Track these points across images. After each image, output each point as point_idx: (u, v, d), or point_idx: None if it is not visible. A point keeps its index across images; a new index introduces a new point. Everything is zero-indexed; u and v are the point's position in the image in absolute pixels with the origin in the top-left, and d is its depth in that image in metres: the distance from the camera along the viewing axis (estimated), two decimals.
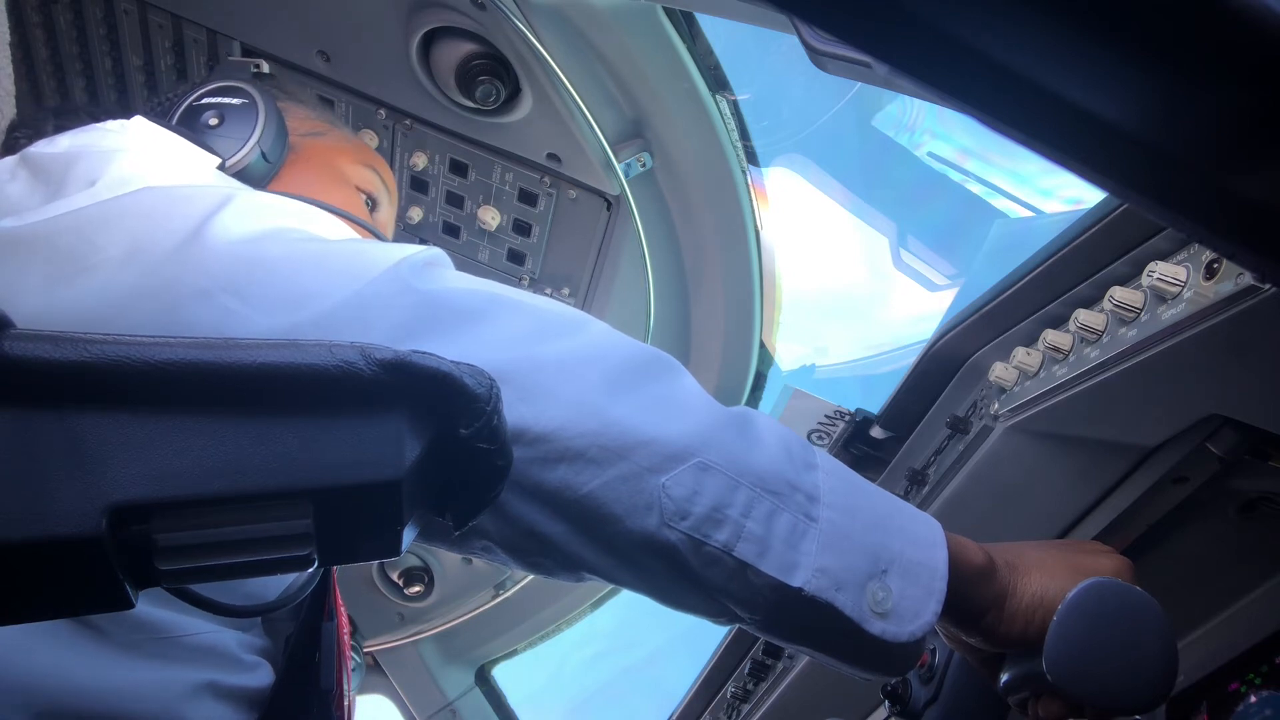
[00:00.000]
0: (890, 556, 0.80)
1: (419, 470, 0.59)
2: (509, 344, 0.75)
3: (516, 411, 0.72)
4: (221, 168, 1.24)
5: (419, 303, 0.74)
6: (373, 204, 1.44)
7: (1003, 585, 0.85)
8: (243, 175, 1.25)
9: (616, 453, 0.75)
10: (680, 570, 0.78)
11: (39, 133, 1.27)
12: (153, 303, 0.72)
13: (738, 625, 0.85)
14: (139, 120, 1.12)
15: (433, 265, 0.78)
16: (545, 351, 0.76)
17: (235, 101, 1.30)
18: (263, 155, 1.28)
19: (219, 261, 0.73)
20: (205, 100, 1.30)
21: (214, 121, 1.28)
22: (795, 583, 0.77)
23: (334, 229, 0.88)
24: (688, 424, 0.77)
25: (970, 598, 0.84)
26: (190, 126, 1.27)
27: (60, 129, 1.25)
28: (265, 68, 1.60)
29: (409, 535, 0.63)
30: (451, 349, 0.68)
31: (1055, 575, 0.85)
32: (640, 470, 0.75)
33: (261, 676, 0.97)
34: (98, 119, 1.28)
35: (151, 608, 0.87)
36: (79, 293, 0.74)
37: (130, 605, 0.54)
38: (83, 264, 0.75)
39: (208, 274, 0.73)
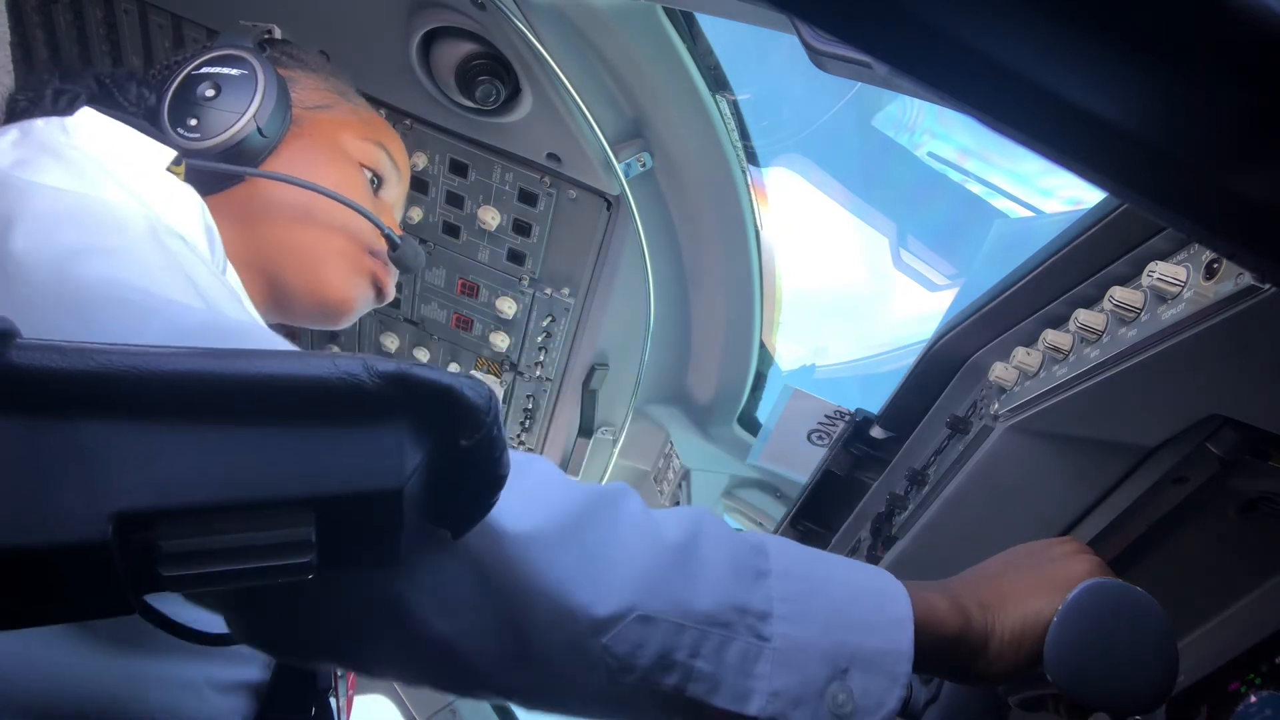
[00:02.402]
0: (850, 653, 0.78)
1: (419, 480, 0.60)
2: None
3: (451, 585, 0.71)
4: (214, 142, 1.21)
5: None
6: (378, 182, 1.42)
7: (981, 632, 0.83)
8: (238, 150, 1.23)
9: (554, 622, 0.73)
10: (633, 710, 0.78)
11: (39, 95, 1.25)
12: None
13: None
14: (84, 116, 1.08)
15: None
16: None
17: (234, 72, 1.26)
18: (259, 130, 1.25)
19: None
20: (204, 70, 1.26)
21: (210, 93, 1.24)
22: (750, 711, 0.76)
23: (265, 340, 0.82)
24: (626, 576, 0.75)
25: (954, 655, 0.83)
26: (185, 99, 1.24)
27: (60, 91, 1.24)
28: (277, 33, 1.53)
29: (408, 544, 0.63)
30: None
31: (1031, 600, 0.84)
32: (580, 636, 0.74)
33: (259, 670, 0.97)
34: (101, 81, 1.26)
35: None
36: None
37: (133, 611, 0.55)
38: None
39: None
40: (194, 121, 1.22)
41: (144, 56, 1.93)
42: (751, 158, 1.88)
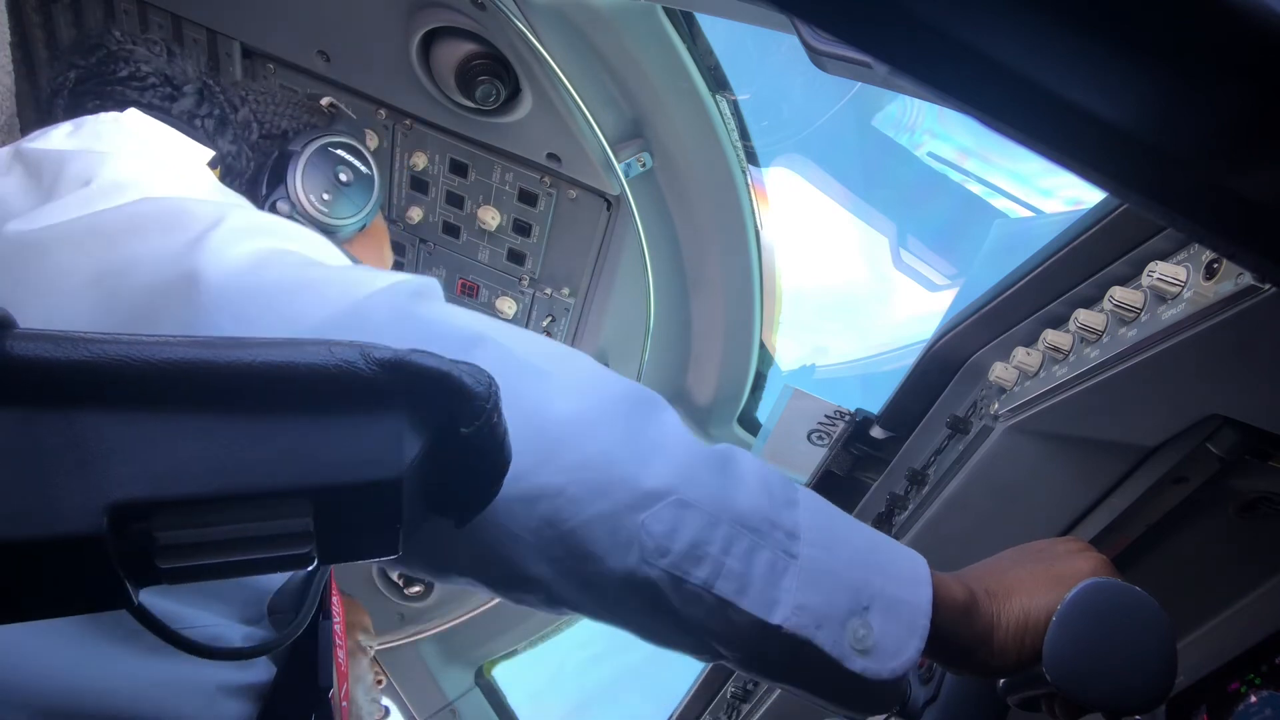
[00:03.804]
0: (872, 593, 0.79)
1: (419, 469, 0.59)
2: (496, 376, 0.75)
3: None
4: (335, 221, 1.40)
5: (410, 328, 0.75)
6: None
7: (987, 618, 0.84)
8: (334, 234, 1.42)
9: (597, 490, 0.74)
10: (661, 608, 0.78)
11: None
12: (149, 324, 0.74)
13: (719, 662, 0.84)
14: (133, 114, 1.14)
15: (423, 295, 0.80)
16: (529, 387, 0.75)
17: (363, 170, 1.46)
18: (362, 226, 1.46)
19: (216, 286, 0.75)
20: (342, 151, 1.45)
21: (344, 178, 1.44)
22: (775, 620, 0.77)
23: (327, 251, 0.90)
24: (668, 461, 0.77)
25: (958, 635, 0.83)
26: (320, 171, 1.41)
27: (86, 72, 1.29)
28: (374, 143, 1.81)
29: (409, 534, 0.63)
30: None
31: (1036, 594, 0.84)
32: (620, 508, 0.75)
33: (261, 672, 0.97)
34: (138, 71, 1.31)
35: (152, 599, 0.87)
36: (78, 313, 0.76)
37: (132, 604, 0.54)
38: (80, 281, 0.77)
39: (206, 294, 0.74)
40: (327, 198, 1.42)
41: None
42: (751, 158, 1.87)
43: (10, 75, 1.55)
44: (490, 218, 1.89)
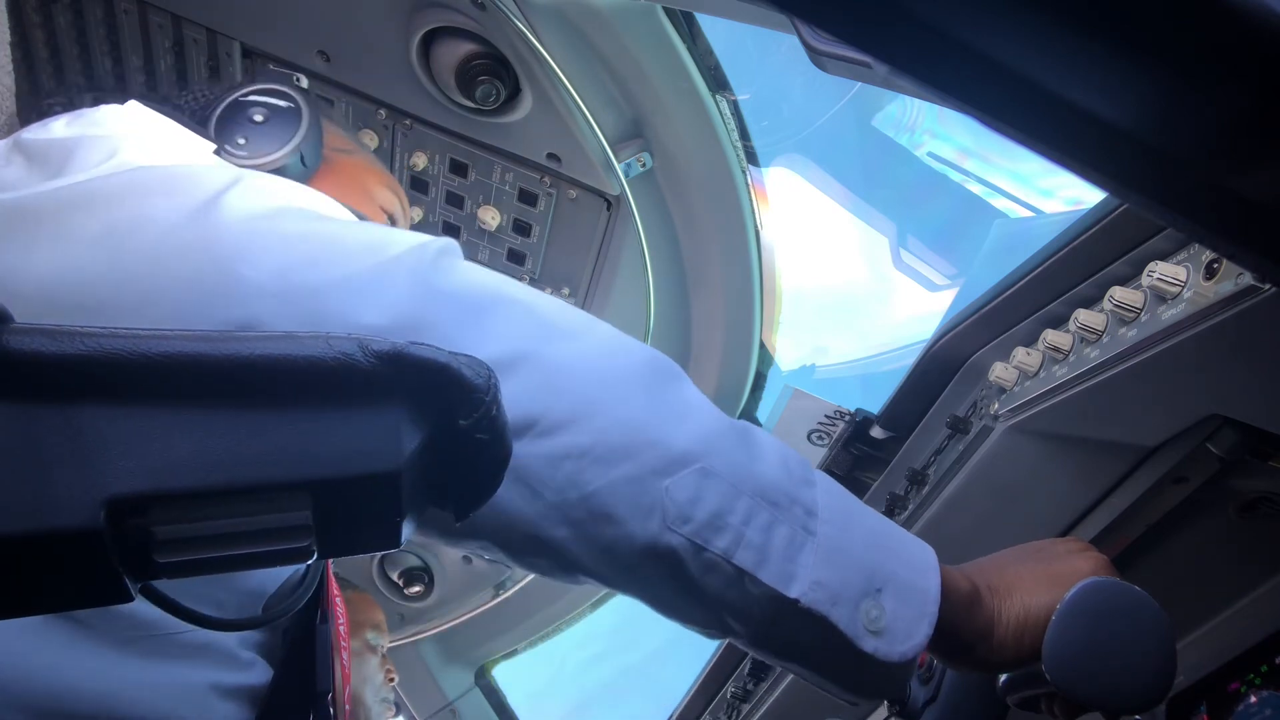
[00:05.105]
0: (885, 576, 0.80)
1: (418, 461, 0.59)
2: (519, 337, 0.75)
3: (523, 405, 0.73)
4: (259, 162, 1.29)
5: (429, 291, 0.74)
6: (391, 223, 1.48)
7: (988, 613, 0.84)
8: (279, 173, 1.31)
9: (622, 452, 0.75)
10: (679, 577, 0.78)
11: (71, 103, 1.28)
12: (163, 273, 0.73)
13: (729, 639, 0.84)
14: (134, 105, 1.13)
15: (446, 255, 0.79)
16: (554, 347, 0.76)
17: (281, 104, 1.36)
18: (300, 158, 1.33)
19: (231, 233, 0.74)
20: (252, 98, 1.35)
21: (259, 118, 1.33)
22: (792, 594, 0.77)
23: (342, 213, 0.89)
24: (692, 429, 0.78)
25: (960, 629, 0.83)
26: (233, 120, 1.32)
27: (99, 100, 1.27)
28: (304, 82, 1.70)
29: (409, 527, 0.63)
30: (461, 338, 0.69)
31: (1036, 592, 0.84)
32: (644, 472, 0.75)
33: (258, 674, 0.96)
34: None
35: (147, 603, 0.87)
36: (87, 266, 0.75)
37: (130, 598, 0.54)
38: (89, 236, 0.76)
39: (220, 243, 0.73)
40: (242, 141, 1.31)
41: (144, 56, 1.93)
42: (751, 158, 1.87)
43: (10, 75, 1.55)
44: (490, 218, 1.89)
